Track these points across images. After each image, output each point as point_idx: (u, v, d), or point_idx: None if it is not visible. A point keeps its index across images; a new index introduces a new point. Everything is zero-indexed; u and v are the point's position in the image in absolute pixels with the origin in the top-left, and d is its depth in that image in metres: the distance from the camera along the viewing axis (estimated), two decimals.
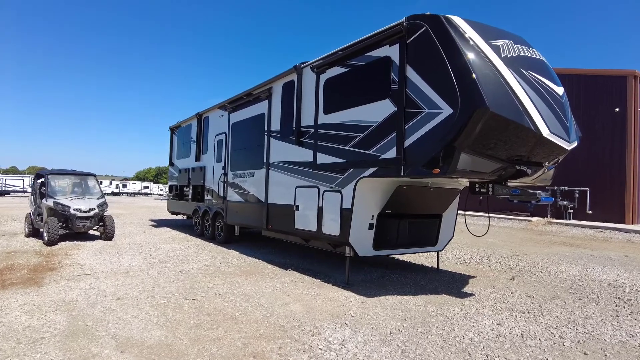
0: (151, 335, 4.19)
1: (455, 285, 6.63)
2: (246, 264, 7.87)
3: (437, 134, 4.85)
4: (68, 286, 5.96)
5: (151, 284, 6.12)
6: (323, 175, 6.70)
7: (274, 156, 8.22)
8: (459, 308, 5.33)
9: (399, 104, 5.33)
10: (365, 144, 5.84)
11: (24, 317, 4.64)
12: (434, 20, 5.04)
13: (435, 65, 4.94)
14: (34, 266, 7.30)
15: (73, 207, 9.88)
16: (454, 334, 4.42)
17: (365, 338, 4.21)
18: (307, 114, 7.22)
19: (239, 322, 4.59)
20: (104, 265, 7.40)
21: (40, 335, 4.15)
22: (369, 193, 6.08)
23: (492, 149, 4.89)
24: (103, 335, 4.17)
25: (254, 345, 3.97)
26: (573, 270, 7.90)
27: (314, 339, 4.15)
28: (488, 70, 4.74)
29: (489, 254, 9.62)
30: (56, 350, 3.81)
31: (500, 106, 4.59)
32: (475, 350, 4.00)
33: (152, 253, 8.77)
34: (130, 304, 5.18)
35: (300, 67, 7.42)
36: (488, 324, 4.76)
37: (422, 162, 5.01)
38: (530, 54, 5.30)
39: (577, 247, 11.44)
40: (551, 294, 6.20)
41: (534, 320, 4.94)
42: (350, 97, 6.27)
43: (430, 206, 6.89)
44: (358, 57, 6.13)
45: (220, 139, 10.71)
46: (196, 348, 3.89)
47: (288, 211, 7.55)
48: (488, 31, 5.08)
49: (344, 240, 6.20)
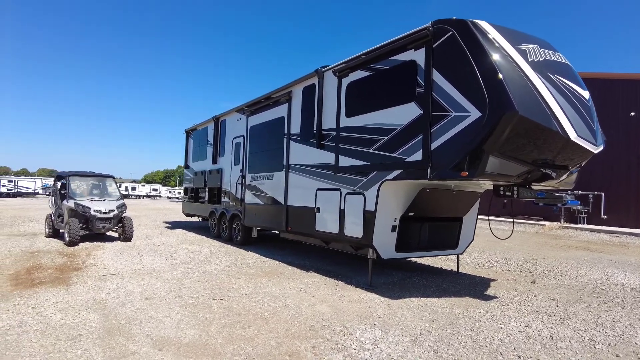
0: (185, 334, 4.26)
1: (478, 288, 6.64)
2: (266, 265, 7.95)
3: (465, 137, 4.89)
4: (96, 286, 6.07)
5: (177, 285, 6.21)
6: (345, 177, 6.76)
7: (294, 159, 8.30)
8: (484, 310, 5.35)
9: (424, 107, 5.38)
10: (390, 147, 5.90)
11: (59, 315, 4.75)
12: (461, 25, 5.09)
13: (463, 69, 4.99)
14: (60, 266, 7.44)
15: (93, 209, 10.04)
16: (483, 335, 4.44)
17: (396, 338, 4.25)
18: (329, 117, 7.29)
19: (269, 322, 4.66)
20: (128, 266, 7.51)
21: (77, 332, 4.25)
22: (392, 195, 6.13)
23: (519, 152, 4.92)
24: (138, 333, 4.26)
25: (287, 345, 4.03)
26: (593, 275, 7.87)
27: (345, 339, 4.20)
28: (516, 74, 4.79)
29: (506, 257, 9.61)
30: (95, 347, 3.90)
31: (529, 110, 4.63)
32: (507, 351, 4.03)
33: (173, 254, 8.88)
34: (160, 303, 5.27)
35: (322, 70, 7.51)
36: (516, 325, 4.78)
37: (449, 165, 5.05)
38: (556, 58, 5.34)
39: (594, 251, 11.36)
40: (574, 297, 6.19)
41: (561, 323, 4.95)
42: (373, 101, 6.33)
43: (451, 209, 6.92)
44: (382, 61, 6.20)
45: (238, 141, 10.82)
46: (231, 347, 3.95)
47: (309, 213, 7.61)
48: (514, 35, 5.13)
49: (367, 242, 6.24)
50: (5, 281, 6.25)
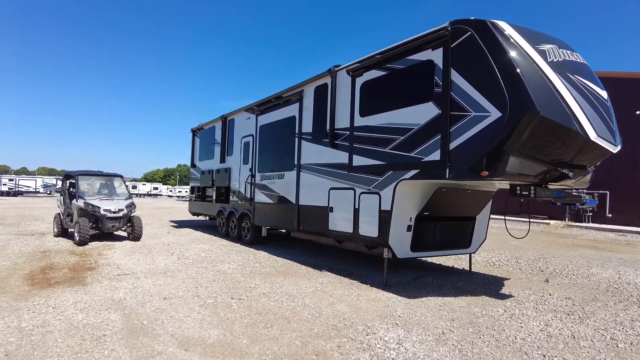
0: (209, 334, 4.27)
1: (492, 287, 6.66)
2: (279, 264, 7.96)
3: (485, 137, 4.90)
4: (112, 286, 6.07)
5: (193, 284, 6.23)
6: (359, 177, 6.77)
7: (306, 158, 8.30)
8: (502, 309, 5.37)
9: (443, 106, 5.39)
10: (406, 147, 5.91)
11: (80, 315, 4.75)
12: (480, 25, 5.10)
13: (482, 69, 5.00)
14: (73, 265, 7.44)
15: (103, 208, 10.04)
16: (504, 334, 4.46)
17: (419, 338, 4.27)
18: (342, 117, 7.30)
19: (291, 322, 4.68)
20: (141, 266, 7.52)
21: (101, 332, 4.25)
22: (408, 195, 6.14)
23: (539, 152, 4.94)
24: (162, 333, 4.27)
25: (313, 344, 4.05)
26: (605, 274, 7.90)
27: (369, 338, 4.22)
28: (536, 74, 4.79)
29: (516, 256, 9.63)
30: (122, 347, 3.91)
31: (549, 110, 4.64)
32: (531, 350, 4.05)
33: (184, 254, 8.89)
34: (179, 303, 5.28)
35: (335, 70, 7.51)
36: (535, 324, 4.80)
37: (469, 165, 5.06)
38: (575, 58, 5.35)
39: (602, 250, 11.40)
40: (589, 296, 6.22)
41: (580, 322, 4.97)
42: (388, 100, 6.34)
43: (465, 208, 6.94)
44: (397, 61, 6.20)
45: (247, 141, 10.82)
46: (257, 347, 3.97)
47: (321, 212, 7.63)
48: (533, 36, 5.14)
49: (382, 242, 6.26)
50: (21, 281, 6.26)
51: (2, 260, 7.70)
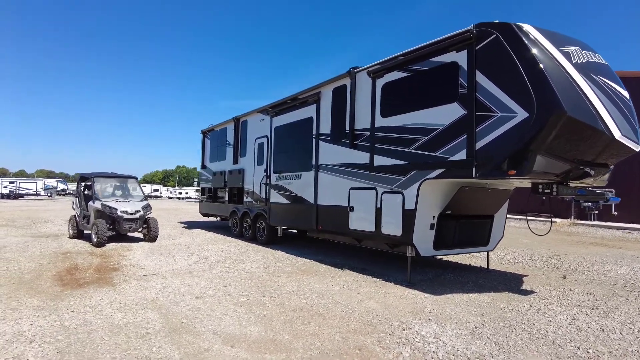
0: (250, 331, 4.38)
1: (512, 283, 6.80)
2: (300, 264, 8.08)
3: (512, 136, 5.03)
4: (141, 286, 6.17)
5: (221, 283, 6.34)
6: (381, 177, 6.89)
7: (324, 158, 8.42)
8: (527, 304, 5.50)
9: (468, 107, 5.52)
10: (431, 146, 6.03)
11: (119, 314, 4.85)
12: (505, 28, 5.23)
13: (508, 71, 5.13)
14: (97, 266, 7.54)
15: (120, 209, 10.13)
16: (535, 327, 4.59)
17: (454, 332, 4.39)
18: (362, 118, 7.43)
19: (326, 318, 4.79)
20: (164, 266, 7.62)
21: (144, 330, 4.36)
22: (432, 194, 6.27)
23: (564, 151, 5.07)
24: (203, 331, 4.37)
25: (353, 339, 4.16)
26: (620, 270, 8.04)
27: (407, 333, 4.34)
28: (562, 75, 4.93)
29: (530, 254, 9.78)
30: (168, 344, 4.01)
31: (576, 110, 4.78)
32: (564, 342, 4.18)
33: (203, 254, 8.99)
34: (212, 302, 5.38)
35: (354, 71, 7.63)
36: (563, 318, 4.94)
37: (496, 164, 5.19)
38: (597, 59, 5.49)
39: (611, 247, 11.56)
40: (609, 292, 6.36)
41: (606, 316, 5.10)
42: (411, 101, 6.46)
43: (485, 207, 7.07)
44: (420, 63, 6.33)
45: (261, 142, 10.94)
46: (300, 342, 4.08)
47: (341, 212, 7.75)
48: (557, 38, 5.27)
49: (406, 240, 6.39)
50: (51, 281, 6.36)
51: (27, 262, 7.80)
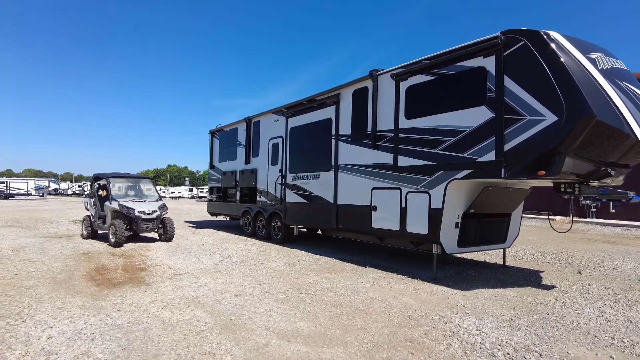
0: (300, 326, 4.56)
1: (532, 278, 7.08)
2: (322, 262, 8.27)
3: (541, 139, 5.28)
4: (176, 285, 6.29)
5: (254, 281, 6.50)
6: (406, 177, 7.11)
7: (344, 159, 8.62)
8: (553, 298, 5.77)
9: (497, 110, 5.76)
10: (458, 148, 6.27)
11: (166, 313, 4.97)
12: (534, 35, 5.48)
13: (537, 76, 5.37)
14: (123, 266, 7.63)
15: (138, 210, 10.21)
16: (567, 319, 4.86)
17: (493, 325, 4.63)
18: (385, 119, 7.63)
19: (368, 313, 4.99)
20: (191, 265, 7.75)
21: (197, 328, 4.49)
22: (457, 194, 6.50)
23: (591, 152, 5.34)
24: (255, 327, 4.53)
25: (401, 333, 4.37)
26: (629, 265, 8.38)
27: (449, 326, 4.56)
28: (589, 81, 5.19)
29: (540, 251, 10.10)
30: (225, 340, 4.15)
31: (603, 114, 5.04)
32: (598, 333, 4.44)
33: (224, 253, 9.13)
34: (253, 300, 5.53)
35: (376, 74, 7.83)
36: (590, 311, 5.21)
37: (525, 165, 5.45)
38: (619, 65, 5.77)
39: (615, 244, 11.97)
40: (625, 286, 6.67)
41: (629, 308, 5.39)
42: (437, 103, 6.68)
43: (504, 206, 7.34)
44: (447, 67, 6.55)
45: (275, 142, 11.09)
46: (352, 336, 4.28)
47: (363, 211, 7.95)
48: (583, 45, 5.54)
49: (432, 239, 6.61)
50: (85, 281, 6.45)
51: (52, 262, 7.86)
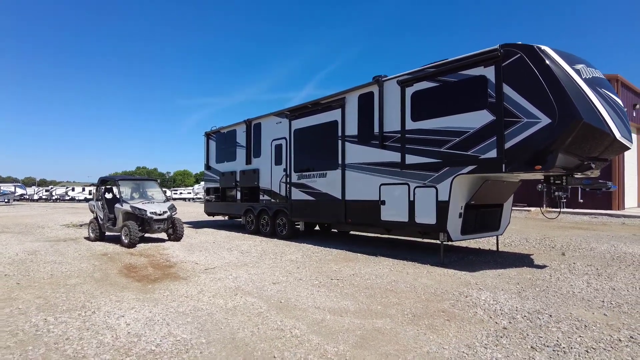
0: (345, 304, 5.23)
1: (525, 260, 8.05)
2: (335, 253, 8.97)
3: (537, 138, 6.19)
4: (213, 277, 6.79)
5: (284, 271, 7.11)
6: (413, 173, 7.92)
7: (351, 158, 9.35)
8: (548, 275, 6.71)
9: (497, 114, 6.63)
10: (463, 146, 7.11)
11: (219, 300, 5.49)
12: (528, 49, 6.38)
13: (532, 84, 6.28)
14: (150, 264, 8.04)
15: (149, 211, 10.56)
16: (563, 290, 5.77)
17: (506, 296, 5.47)
18: (391, 121, 8.41)
19: (397, 293, 5.74)
20: (216, 260, 8.26)
21: (256, 310, 5.03)
22: (461, 187, 7.36)
23: (578, 149, 6.30)
24: (306, 307, 5.14)
25: (432, 306, 5.13)
26: (602, 247, 9.54)
27: (470, 299, 5.37)
28: (575, 88, 6.13)
29: (524, 237, 11.18)
30: (287, 318, 4.73)
31: (589, 117, 5.99)
32: (591, 298, 5.37)
33: (240, 249, 9.67)
34: (291, 286, 6.14)
35: (382, 80, 8.60)
36: (579, 283, 6.16)
37: (524, 161, 6.35)
38: (597, 74, 6.76)
39: (587, 230, 13.29)
40: (603, 263, 7.73)
41: (610, 279, 6.39)
42: (442, 107, 7.51)
43: (499, 197, 8.27)
44: (450, 75, 7.38)
45: (278, 143, 11.68)
46: (393, 310, 5.00)
47: (371, 206, 8.71)
48: (569, 57, 6.48)
49: (440, 228, 7.44)
50: (123, 278, 6.86)
51: (79, 263, 8.15)
